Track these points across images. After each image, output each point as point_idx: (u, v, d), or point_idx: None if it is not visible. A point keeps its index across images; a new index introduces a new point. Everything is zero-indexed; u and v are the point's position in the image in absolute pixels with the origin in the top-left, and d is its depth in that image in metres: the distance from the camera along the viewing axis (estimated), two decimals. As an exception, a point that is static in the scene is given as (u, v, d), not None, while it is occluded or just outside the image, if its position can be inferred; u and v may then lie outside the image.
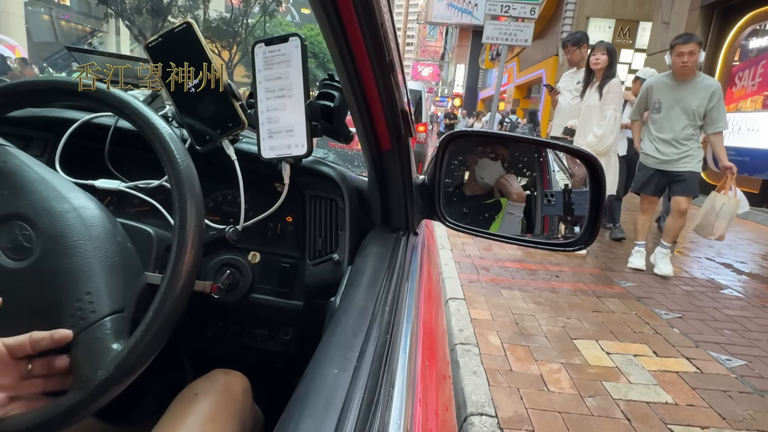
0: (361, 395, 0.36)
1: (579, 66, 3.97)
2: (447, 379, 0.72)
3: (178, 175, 0.53)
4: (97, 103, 0.60)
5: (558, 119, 4.25)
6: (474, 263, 3.41)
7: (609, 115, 3.52)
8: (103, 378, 0.45)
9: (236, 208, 0.75)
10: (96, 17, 19.75)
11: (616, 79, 3.57)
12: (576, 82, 3.98)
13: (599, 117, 3.57)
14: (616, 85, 3.55)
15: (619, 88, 3.57)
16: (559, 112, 4.26)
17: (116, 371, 0.46)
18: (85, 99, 0.60)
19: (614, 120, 3.53)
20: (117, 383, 0.46)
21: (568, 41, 4.05)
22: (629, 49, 11.85)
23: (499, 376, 1.92)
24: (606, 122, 3.52)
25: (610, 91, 3.53)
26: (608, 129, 3.53)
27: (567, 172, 0.93)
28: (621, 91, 3.60)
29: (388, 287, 0.58)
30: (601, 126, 3.55)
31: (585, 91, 3.75)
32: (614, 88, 3.54)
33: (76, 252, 0.50)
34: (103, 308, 0.49)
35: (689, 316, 2.71)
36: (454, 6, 23.21)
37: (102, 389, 0.46)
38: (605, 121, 3.53)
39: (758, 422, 1.73)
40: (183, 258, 0.50)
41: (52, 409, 0.45)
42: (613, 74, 3.58)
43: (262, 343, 0.92)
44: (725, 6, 7.32)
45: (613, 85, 3.54)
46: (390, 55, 0.57)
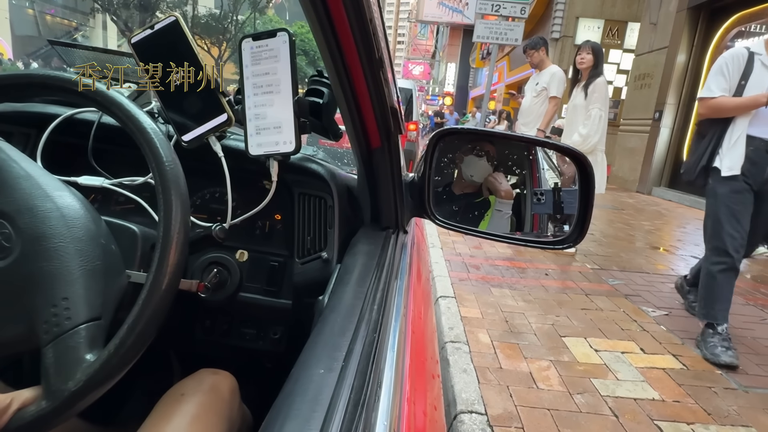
0: (347, 395, 0.36)
1: (539, 68, 4.22)
2: (436, 378, 0.72)
3: (163, 171, 0.52)
4: (80, 99, 0.58)
5: (521, 119, 4.47)
6: (464, 261, 3.42)
7: (594, 114, 3.60)
8: (72, 390, 0.44)
9: (224, 205, 0.74)
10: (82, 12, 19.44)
11: (601, 78, 3.63)
12: (535, 83, 4.23)
13: (585, 116, 3.65)
14: (601, 84, 3.61)
15: (604, 87, 3.63)
16: (521, 112, 4.49)
17: (86, 384, 0.44)
18: (68, 94, 0.58)
19: (599, 119, 3.60)
20: (86, 396, 0.44)
21: (527, 46, 4.26)
22: (618, 50, 11.95)
23: (489, 373, 1.93)
24: (591, 121, 3.60)
25: (595, 91, 3.60)
26: (593, 128, 3.59)
27: (556, 170, 0.93)
28: (606, 90, 3.67)
29: (377, 285, 0.58)
30: (586, 125, 3.63)
31: (572, 91, 3.84)
32: (599, 88, 3.60)
33: (57, 255, 0.48)
34: (79, 315, 0.47)
35: (675, 314, 2.74)
36: (445, 5, 23.25)
37: (70, 401, 0.44)
38: (590, 120, 3.60)
39: (743, 417, 1.76)
40: (168, 256, 0.49)
41: (17, 419, 0.44)
42: (599, 73, 3.65)
43: (250, 342, 0.91)
44: (712, 7, 7.42)
45: (598, 85, 3.60)
46: (379, 52, 0.57)
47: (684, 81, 7.88)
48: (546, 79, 4.10)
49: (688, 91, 7.86)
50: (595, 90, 3.59)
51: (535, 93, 4.21)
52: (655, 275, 3.46)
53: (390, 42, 0.66)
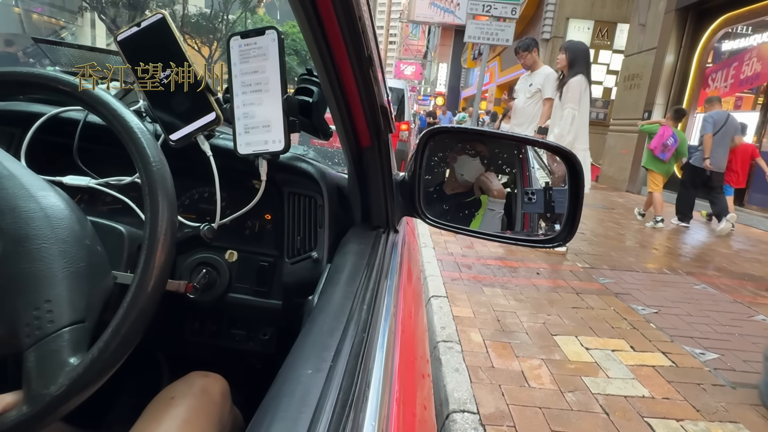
0: (335, 395, 0.35)
1: (531, 69, 4.25)
2: (426, 378, 0.72)
3: (149, 171, 0.52)
4: (65, 97, 0.57)
5: (514, 119, 4.51)
6: (456, 261, 3.42)
7: (566, 114, 3.66)
8: (54, 395, 0.43)
9: (213, 205, 0.73)
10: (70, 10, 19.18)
11: (576, 78, 3.66)
12: (528, 84, 4.25)
13: (559, 116, 3.72)
14: (574, 83, 3.65)
15: (577, 86, 3.65)
16: (515, 112, 4.52)
17: (69, 388, 0.43)
18: (53, 92, 0.57)
19: (571, 119, 3.64)
20: (69, 400, 0.43)
21: (519, 47, 4.27)
22: (608, 50, 12.06)
23: (481, 372, 1.93)
24: (563, 121, 3.67)
25: (568, 90, 3.67)
26: (565, 128, 3.64)
27: (546, 170, 0.93)
28: (579, 89, 3.67)
29: (367, 285, 0.57)
30: (559, 125, 3.69)
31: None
32: (572, 87, 3.64)
33: (40, 256, 0.47)
34: (62, 318, 0.46)
35: (665, 312, 2.77)
36: (436, 5, 23.32)
37: (52, 406, 0.43)
38: (562, 120, 3.67)
39: (730, 414, 1.78)
40: (154, 256, 0.48)
41: None
42: (575, 73, 3.68)
43: (240, 343, 0.90)
44: (699, 9, 7.52)
45: (571, 84, 3.65)
46: (368, 50, 0.56)
47: (672, 81, 7.97)
48: (540, 80, 4.12)
49: (676, 92, 7.96)
50: (569, 90, 3.65)
51: (529, 94, 4.22)
52: (645, 273, 3.50)
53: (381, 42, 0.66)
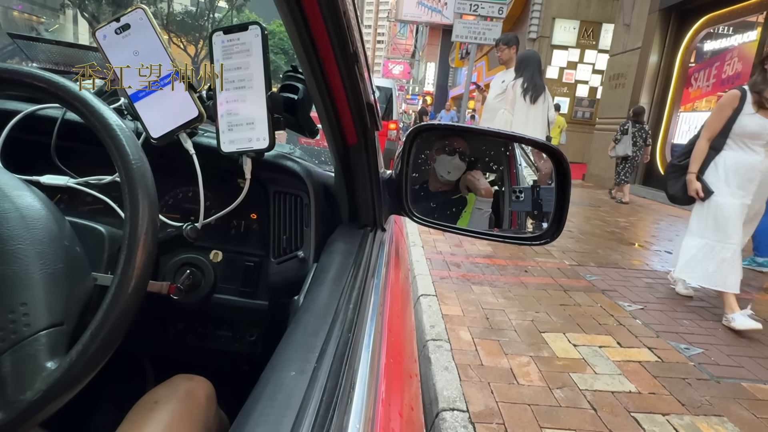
0: (318, 398, 0.35)
1: (507, 65, 4.30)
2: (414, 378, 0.71)
3: (129, 169, 0.50)
4: (42, 94, 0.56)
5: (485, 114, 4.57)
6: (445, 259, 3.43)
7: (498, 114, 3.92)
8: (30, 400, 0.41)
9: (197, 205, 0.71)
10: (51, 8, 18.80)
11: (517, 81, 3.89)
12: (501, 80, 4.32)
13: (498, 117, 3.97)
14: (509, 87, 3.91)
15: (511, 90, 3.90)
16: (486, 107, 4.59)
17: (46, 393, 0.41)
18: (29, 89, 0.55)
19: (503, 120, 3.86)
20: (46, 406, 0.42)
21: (500, 40, 4.36)
22: (593, 50, 12.20)
23: (470, 370, 1.94)
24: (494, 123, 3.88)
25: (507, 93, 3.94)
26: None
27: (533, 167, 0.94)
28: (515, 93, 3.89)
29: (353, 284, 0.57)
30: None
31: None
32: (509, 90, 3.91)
33: (15, 258, 0.45)
34: (39, 321, 0.44)
35: (650, 308, 2.81)
36: (424, 4, 23.33)
37: (28, 412, 0.41)
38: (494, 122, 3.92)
39: (715, 407, 1.81)
40: (134, 257, 0.47)
41: None
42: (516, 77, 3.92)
43: (226, 345, 0.89)
44: (682, 9, 7.63)
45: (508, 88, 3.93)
46: (354, 45, 0.55)
47: (656, 81, 8.09)
48: (511, 78, 4.17)
49: (660, 91, 8.07)
50: (506, 92, 3.91)
51: (499, 90, 4.26)
52: (631, 270, 3.54)
53: (369, 41, 0.65)
